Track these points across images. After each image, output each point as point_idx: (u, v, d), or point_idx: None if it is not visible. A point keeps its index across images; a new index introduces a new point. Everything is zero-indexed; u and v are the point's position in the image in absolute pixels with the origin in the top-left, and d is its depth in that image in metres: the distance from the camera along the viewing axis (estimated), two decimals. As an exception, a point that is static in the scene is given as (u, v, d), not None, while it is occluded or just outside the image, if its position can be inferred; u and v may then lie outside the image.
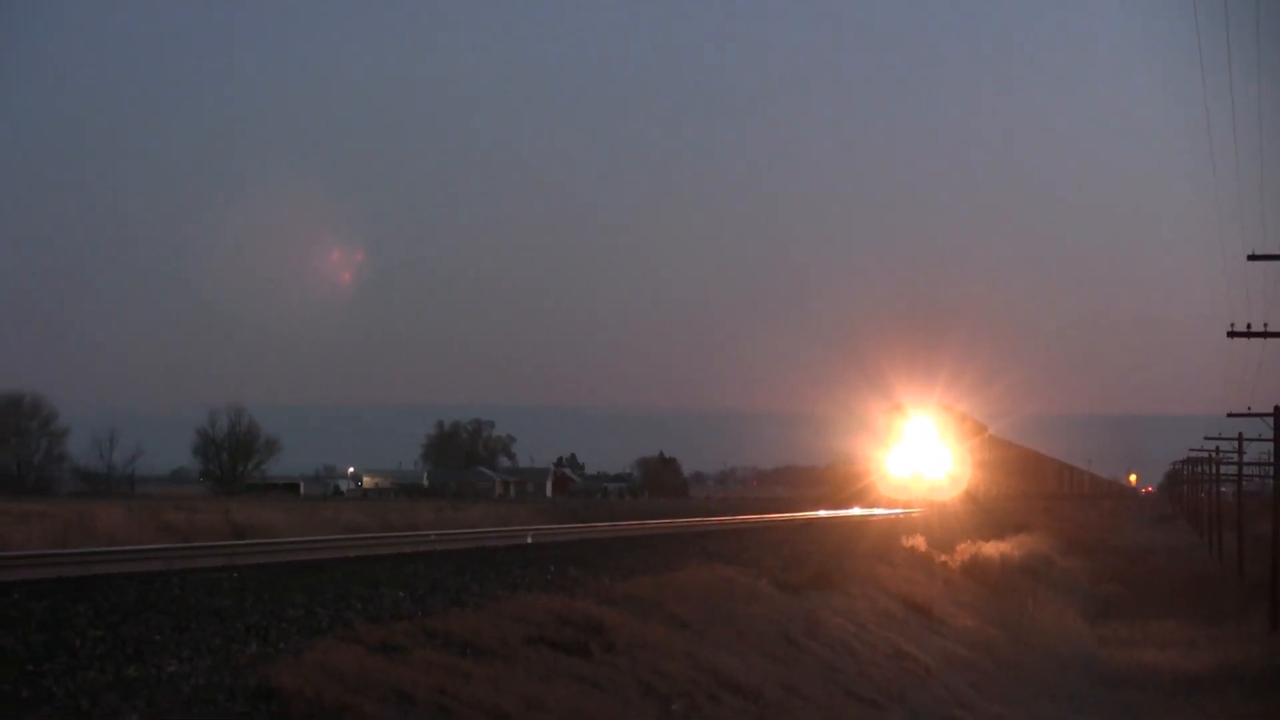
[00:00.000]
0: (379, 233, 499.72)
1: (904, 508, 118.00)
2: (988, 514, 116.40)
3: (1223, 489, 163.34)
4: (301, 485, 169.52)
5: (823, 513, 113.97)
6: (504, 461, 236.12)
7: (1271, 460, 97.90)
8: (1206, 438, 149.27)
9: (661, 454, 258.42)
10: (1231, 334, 60.83)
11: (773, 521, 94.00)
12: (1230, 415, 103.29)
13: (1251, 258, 57.76)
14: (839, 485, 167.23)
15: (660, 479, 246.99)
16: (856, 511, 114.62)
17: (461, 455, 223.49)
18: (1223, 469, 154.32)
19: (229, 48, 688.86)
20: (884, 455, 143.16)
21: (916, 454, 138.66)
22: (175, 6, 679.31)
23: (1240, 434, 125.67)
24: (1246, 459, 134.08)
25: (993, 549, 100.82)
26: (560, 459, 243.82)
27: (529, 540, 62.96)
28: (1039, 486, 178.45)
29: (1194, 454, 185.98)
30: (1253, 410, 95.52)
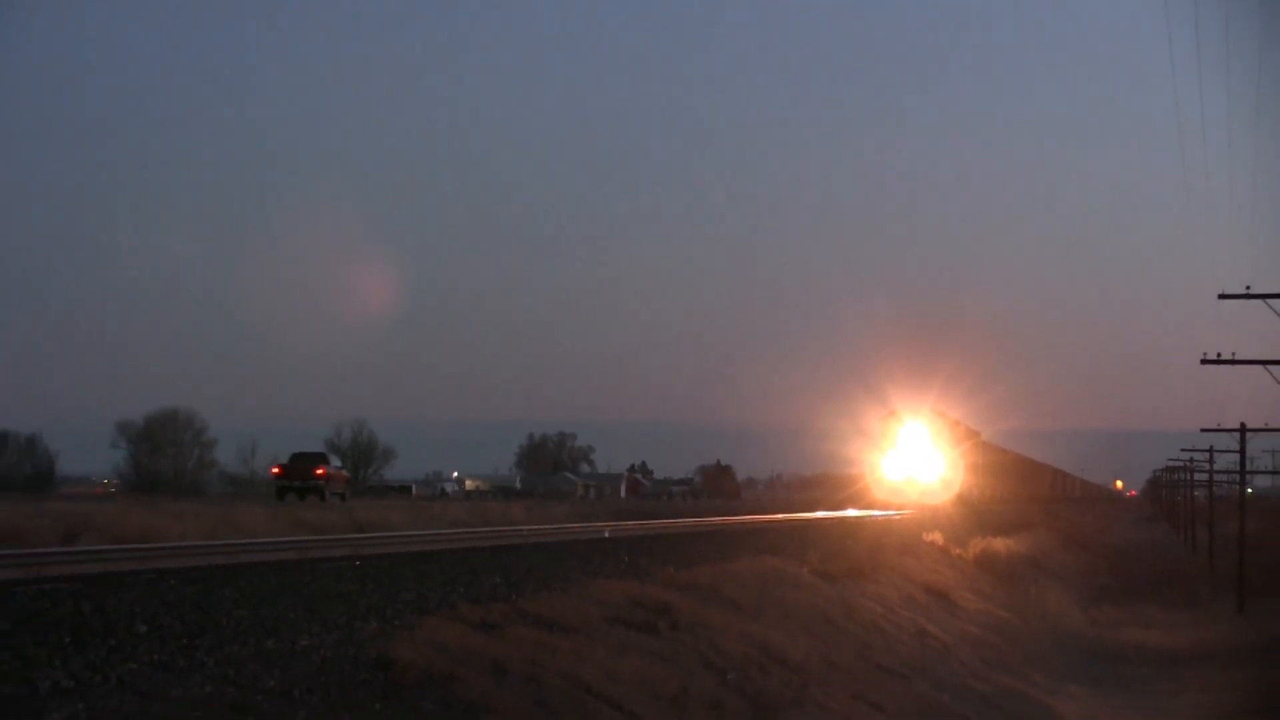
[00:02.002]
0: (482, 269, 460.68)
1: (896, 509, 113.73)
2: (978, 515, 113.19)
3: (1197, 493, 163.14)
4: (413, 487, 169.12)
5: (820, 513, 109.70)
6: (585, 468, 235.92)
7: (1237, 469, 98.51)
8: (1182, 450, 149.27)
9: (718, 461, 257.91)
10: (1204, 361, 60.60)
11: (809, 520, 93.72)
12: (1203, 430, 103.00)
13: (1221, 296, 57.51)
14: (835, 488, 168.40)
15: (718, 483, 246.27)
16: (852, 513, 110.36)
17: (549, 462, 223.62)
18: (1197, 476, 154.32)
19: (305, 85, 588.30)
20: (879, 459, 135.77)
21: (911, 458, 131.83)
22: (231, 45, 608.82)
23: (1211, 447, 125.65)
24: (1217, 468, 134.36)
25: (1000, 544, 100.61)
26: (632, 465, 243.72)
27: (606, 534, 62.75)
28: (1032, 490, 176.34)
29: (1172, 463, 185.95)
30: (1222, 426, 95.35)
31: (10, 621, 22.58)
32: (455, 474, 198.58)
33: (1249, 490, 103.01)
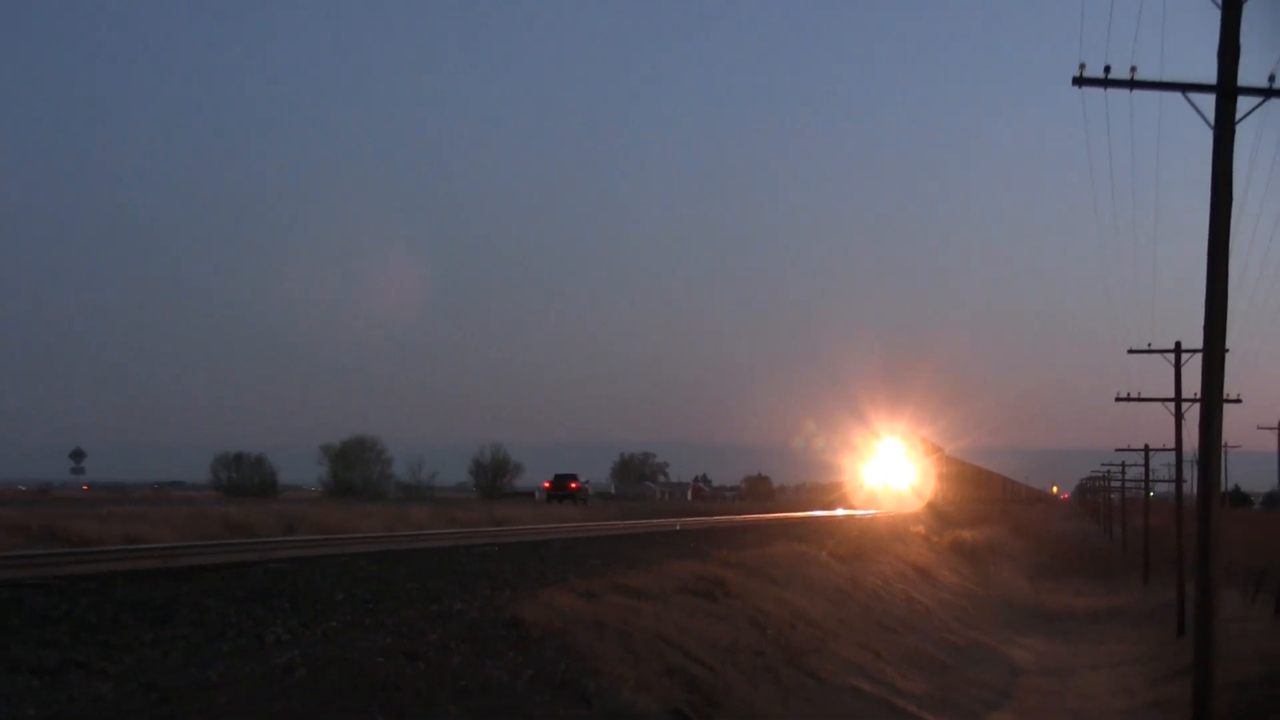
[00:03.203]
0: (583, 314, 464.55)
1: (874, 510, 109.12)
2: (945, 514, 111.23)
3: (1113, 497, 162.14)
4: (535, 493, 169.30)
5: (819, 512, 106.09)
6: (661, 478, 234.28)
7: (1143, 480, 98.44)
8: (1102, 463, 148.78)
9: (760, 473, 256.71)
10: (1118, 399, 60.20)
11: (823, 517, 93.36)
12: (1117, 450, 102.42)
13: (1130, 351, 57.20)
14: (822, 493, 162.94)
15: (758, 489, 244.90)
16: (841, 512, 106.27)
17: (635, 473, 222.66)
18: (1113, 484, 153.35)
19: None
20: (861, 469, 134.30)
21: (887, 468, 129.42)
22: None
23: (1124, 462, 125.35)
24: (1128, 478, 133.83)
25: (967, 534, 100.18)
26: (696, 476, 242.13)
27: (677, 528, 62.73)
28: (987, 493, 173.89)
29: (1095, 474, 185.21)
30: (1131, 447, 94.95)
31: (246, 592, 22.72)
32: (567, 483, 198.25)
33: (1151, 494, 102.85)
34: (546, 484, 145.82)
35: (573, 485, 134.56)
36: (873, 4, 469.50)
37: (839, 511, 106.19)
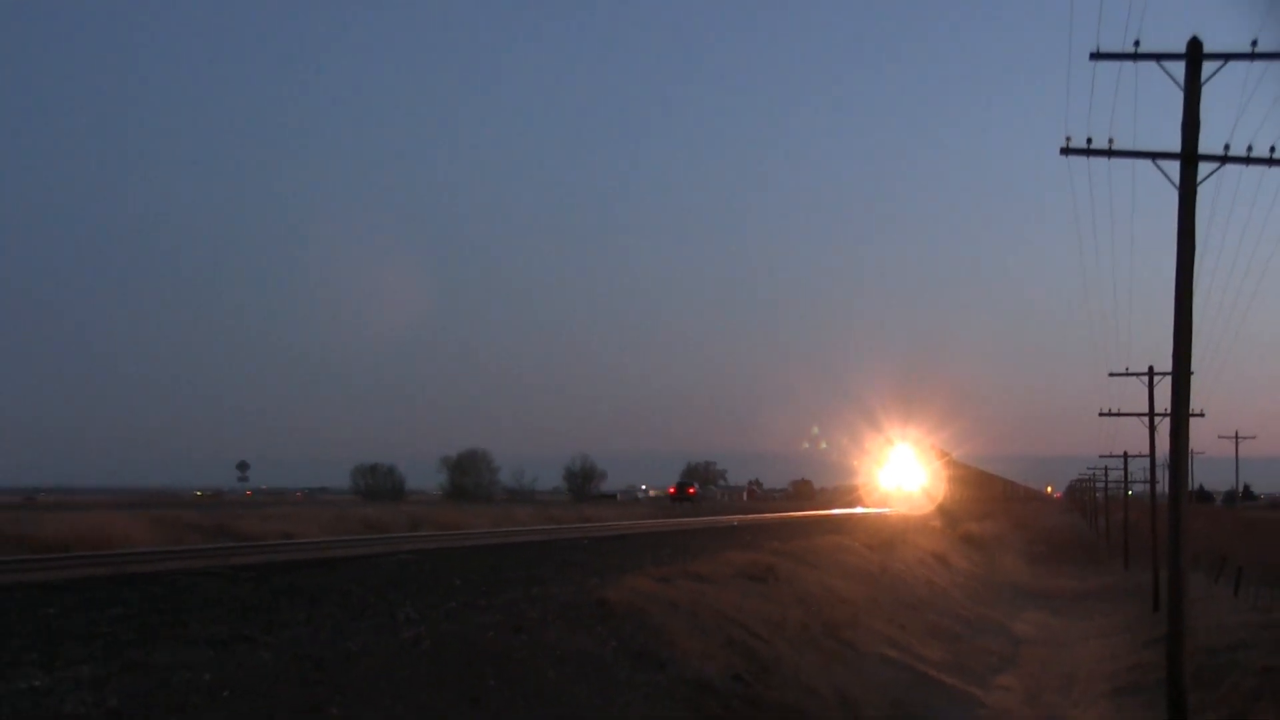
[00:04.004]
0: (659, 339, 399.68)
1: (886, 508, 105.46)
2: (953, 511, 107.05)
3: (1098, 495, 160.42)
4: (617, 495, 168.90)
5: (837, 510, 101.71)
6: (721, 482, 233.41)
7: (1123, 481, 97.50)
8: (1088, 468, 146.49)
9: (804, 478, 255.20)
10: (1101, 414, 59.56)
11: (854, 514, 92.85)
12: (1100, 456, 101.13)
13: (1111, 374, 56.63)
14: (841, 494, 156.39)
15: (802, 491, 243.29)
16: (859, 510, 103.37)
17: (699, 479, 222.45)
18: (1098, 485, 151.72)
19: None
20: (876, 472, 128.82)
21: (900, 471, 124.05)
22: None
23: (1106, 467, 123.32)
24: (1110, 480, 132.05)
25: (975, 527, 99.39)
26: (750, 480, 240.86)
27: (734, 524, 62.60)
28: (989, 493, 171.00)
29: (1082, 476, 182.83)
30: (1112, 454, 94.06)
31: (381, 578, 22.77)
32: (644, 486, 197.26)
33: (1130, 493, 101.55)
34: (671, 489, 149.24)
35: (690, 490, 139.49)
36: (885, 71, 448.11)
37: (857, 510, 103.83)
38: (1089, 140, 22.21)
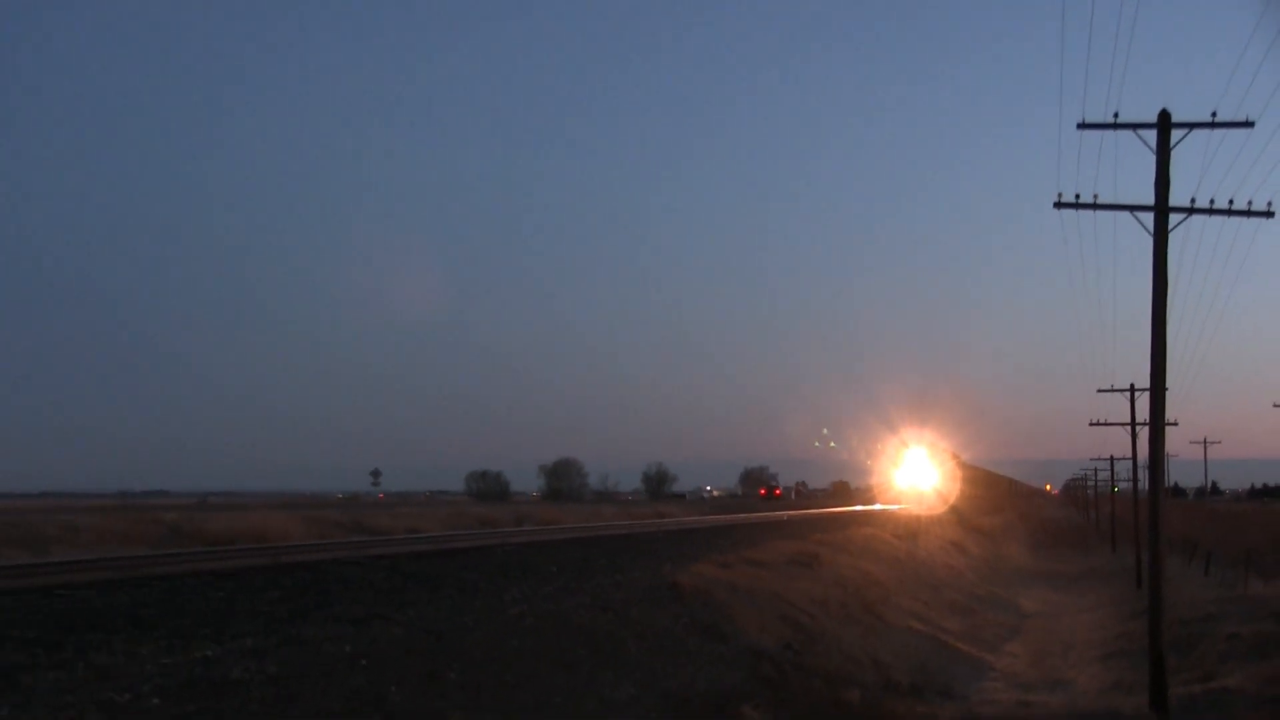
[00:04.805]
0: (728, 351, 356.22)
1: (900, 505, 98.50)
2: (960, 510, 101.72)
3: (1089, 491, 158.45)
4: (686, 495, 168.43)
5: (859, 506, 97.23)
6: (773, 484, 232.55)
7: (1109, 480, 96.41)
8: (1081, 469, 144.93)
9: (842, 479, 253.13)
10: (1092, 424, 58.69)
11: (883, 511, 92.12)
12: (1091, 459, 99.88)
13: (1099, 390, 55.84)
14: (860, 493, 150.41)
15: (840, 491, 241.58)
16: (878, 507, 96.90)
17: (755, 481, 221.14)
18: (1089, 483, 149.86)
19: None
20: (892, 472, 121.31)
21: (914, 471, 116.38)
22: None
23: (1096, 469, 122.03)
24: (1100, 479, 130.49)
25: (985, 520, 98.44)
26: (798, 481, 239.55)
27: (784, 519, 62.26)
28: (995, 491, 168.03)
29: (1076, 476, 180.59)
30: (1101, 457, 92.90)
31: (491, 566, 22.73)
32: (708, 487, 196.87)
33: (1115, 490, 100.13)
34: (762, 490, 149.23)
35: (777, 492, 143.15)
36: (903, 130, 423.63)
37: (877, 506, 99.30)
38: (1077, 195, 22.17)
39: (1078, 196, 22.10)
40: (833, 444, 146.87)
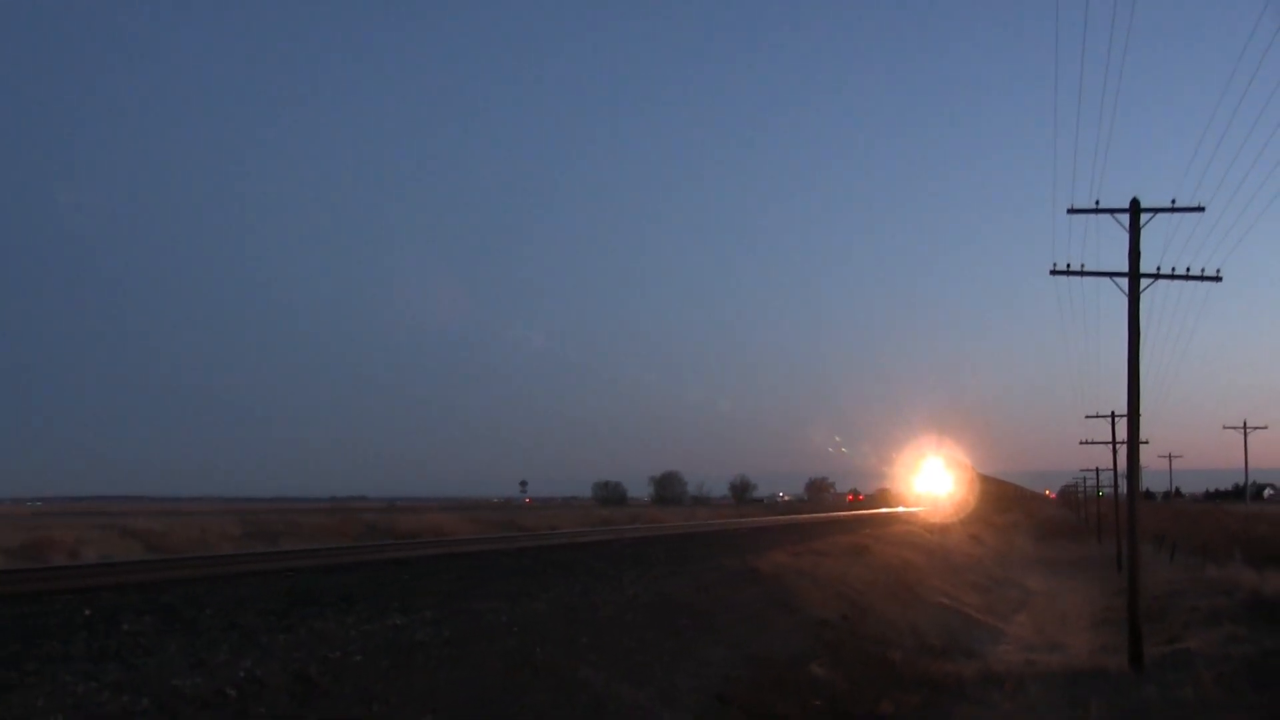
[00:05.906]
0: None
1: (917, 508, 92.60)
2: (974, 512, 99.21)
3: (1081, 495, 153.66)
4: (764, 500, 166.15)
5: (883, 509, 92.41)
6: (832, 490, 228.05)
7: (1096, 487, 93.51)
8: (1074, 477, 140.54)
9: (883, 485, 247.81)
10: (1082, 443, 57.10)
11: (913, 513, 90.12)
12: (1081, 470, 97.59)
13: (1087, 416, 54.32)
14: (879, 498, 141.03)
15: (882, 494, 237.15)
16: (901, 509, 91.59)
17: (818, 488, 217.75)
18: (1080, 489, 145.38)
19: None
20: (910, 478, 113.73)
21: (930, 479, 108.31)
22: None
23: (1085, 478, 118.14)
24: (1089, 485, 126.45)
25: (997, 519, 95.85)
26: (852, 489, 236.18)
27: (841, 517, 61.24)
28: (1003, 495, 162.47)
29: (1070, 483, 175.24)
30: (1089, 468, 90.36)
31: (612, 555, 22.56)
32: (780, 493, 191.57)
33: (1101, 494, 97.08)
34: (849, 495, 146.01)
35: (861, 497, 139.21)
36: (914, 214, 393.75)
37: (899, 509, 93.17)
38: (1068, 265, 22.18)
39: (1068, 266, 22.05)
40: (844, 449, 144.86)
